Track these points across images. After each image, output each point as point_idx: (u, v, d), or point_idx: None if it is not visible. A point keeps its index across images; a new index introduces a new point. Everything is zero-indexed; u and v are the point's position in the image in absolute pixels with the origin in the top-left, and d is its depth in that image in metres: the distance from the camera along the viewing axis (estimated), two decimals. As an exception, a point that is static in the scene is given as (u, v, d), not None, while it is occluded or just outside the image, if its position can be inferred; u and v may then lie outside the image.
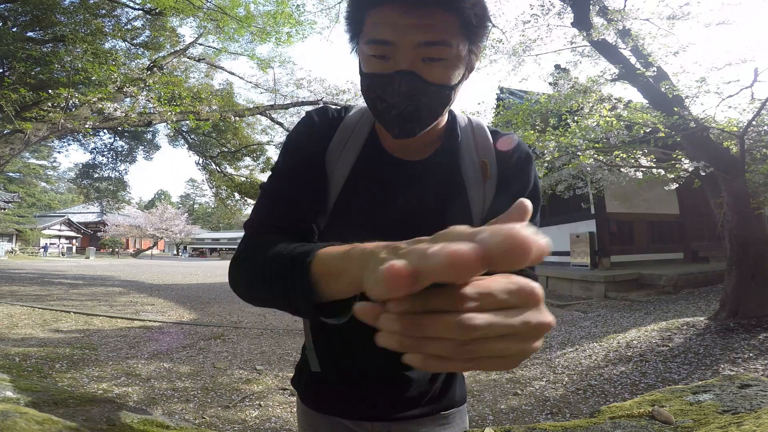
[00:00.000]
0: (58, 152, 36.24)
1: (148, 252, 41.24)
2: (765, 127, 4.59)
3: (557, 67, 6.53)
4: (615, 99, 5.14)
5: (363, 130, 0.68)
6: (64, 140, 12.95)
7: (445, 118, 0.66)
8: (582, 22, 4.91)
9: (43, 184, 40.46)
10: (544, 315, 0.27)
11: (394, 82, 0.55)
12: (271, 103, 10.83)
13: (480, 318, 0.24)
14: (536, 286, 0.26)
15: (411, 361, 0.26)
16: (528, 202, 0.29)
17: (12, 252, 26.62)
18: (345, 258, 0.38)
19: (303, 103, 10.45)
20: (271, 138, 12.91)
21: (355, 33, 0.60)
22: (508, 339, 0.25)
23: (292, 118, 11.45)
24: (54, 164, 39.89)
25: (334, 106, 0.73)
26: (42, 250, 31.12)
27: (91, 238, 38.64)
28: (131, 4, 9.14)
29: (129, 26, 9.72)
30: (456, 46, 0.54)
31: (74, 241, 38.24)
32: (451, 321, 0.24)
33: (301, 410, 0.81)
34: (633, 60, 4.88)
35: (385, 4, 0.53)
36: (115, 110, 7.39)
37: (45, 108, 7.18)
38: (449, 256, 0.22)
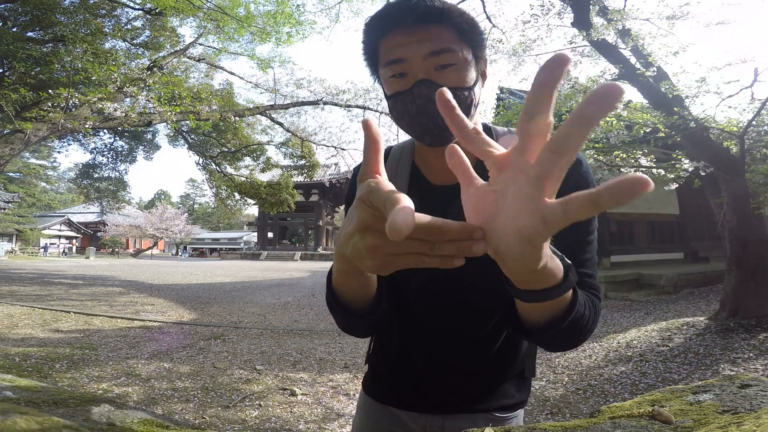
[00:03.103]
0: (58, 152, 36.46)
1: (148, 252, 41.21)
2: (765, 127, 4.59)
3: (557, 67, 6.51)
4: (615, 99, 5.13)
5: (405, 167, 0.74)
6: (64, 140, 12.94)
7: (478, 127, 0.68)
8: (582, 22, 4.91)
9: (43, 184, 40.49)
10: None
11: (414, 94, 0.60)
12: (271, 103, 10.83)
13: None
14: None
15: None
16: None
17: (12, 252, 26.63)
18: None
19: (303, 103, 10.44)
20: (271, 138, 12.91)
21: (373, 63, 0.66)
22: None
23: (292, 118, 11.46)
24: (54, 164, 40.00)
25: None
26: (42, 250, 31.12)
27: (91, 238, 38.64)
28: (131, 4, 9.14)
29: (129, 26, 9.72)
30: (460, 51, 0.60)
31: (74, 241, 38.23)
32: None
33: (362, 399, 0.86)
34: (633, 60, 4.88)
35: (391, 31, 0.61)
36: (115, 110, 7.41)
37: (45, 108, 7.19)
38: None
